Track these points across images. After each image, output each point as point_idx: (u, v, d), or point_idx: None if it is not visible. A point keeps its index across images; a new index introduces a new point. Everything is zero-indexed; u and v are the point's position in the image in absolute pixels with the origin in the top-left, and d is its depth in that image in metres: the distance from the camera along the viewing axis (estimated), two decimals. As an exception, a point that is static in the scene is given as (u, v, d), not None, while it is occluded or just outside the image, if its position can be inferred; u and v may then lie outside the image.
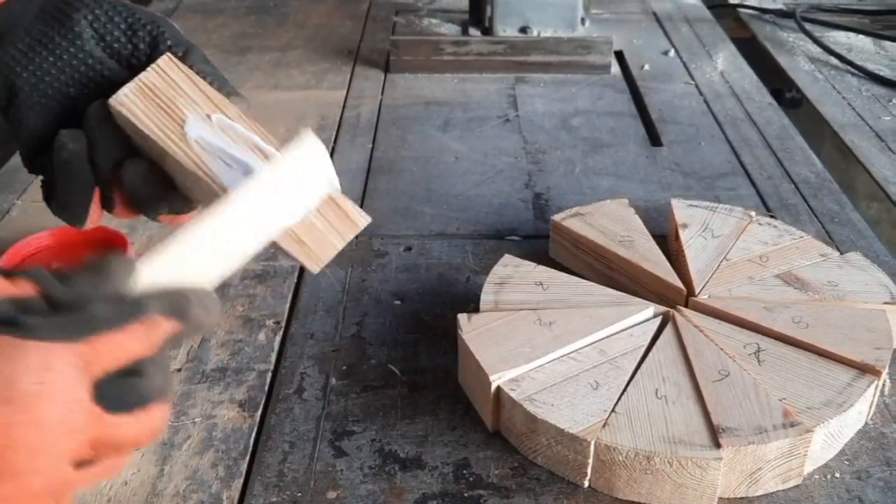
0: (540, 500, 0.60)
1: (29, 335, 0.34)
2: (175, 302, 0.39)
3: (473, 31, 1.36)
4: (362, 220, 0.48)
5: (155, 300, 0.39)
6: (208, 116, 0.49)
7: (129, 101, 0.48)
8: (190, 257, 0.41)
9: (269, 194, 0.45)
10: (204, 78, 0.50)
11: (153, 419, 0.38)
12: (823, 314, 0.69)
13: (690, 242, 0.79)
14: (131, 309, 0.38)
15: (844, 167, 1.10)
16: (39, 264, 0.82)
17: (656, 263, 0.76)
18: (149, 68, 0.49)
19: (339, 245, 0.48)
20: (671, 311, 0.71)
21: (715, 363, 0.65)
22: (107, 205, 0.50)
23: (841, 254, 0.78)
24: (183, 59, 0.50)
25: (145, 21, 0.50)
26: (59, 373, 0.34)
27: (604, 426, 0.59)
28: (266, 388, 0.70)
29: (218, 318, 0.41)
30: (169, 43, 0.50)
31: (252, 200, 0.44)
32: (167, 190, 0.49)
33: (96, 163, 0.48)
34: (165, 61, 0.49)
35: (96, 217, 0.49)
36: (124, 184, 0.49)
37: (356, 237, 0.89)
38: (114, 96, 0.48)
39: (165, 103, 0.48)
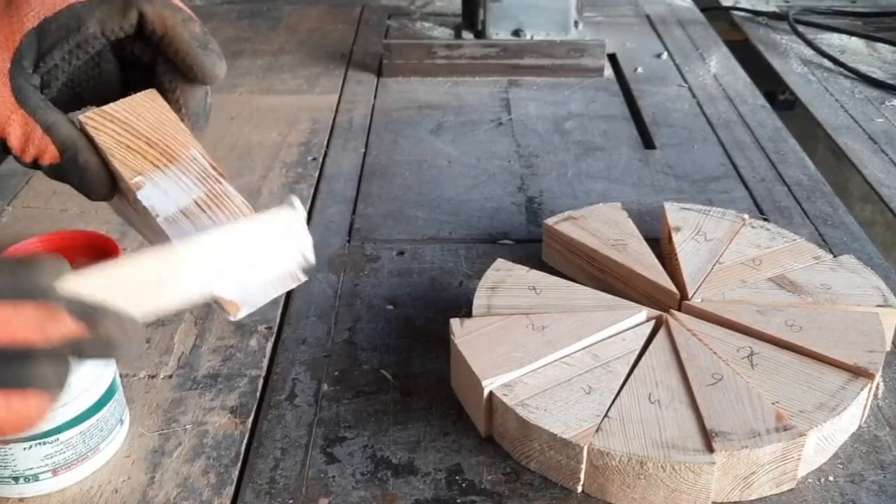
0: (533, 505, 0.60)
1: None
2: (86, 307, 0.38)
3: (466, 35, 1.36)
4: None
5: (62, 295, 0.37)
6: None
7: (94, 123, 0.51)
8: (127, 284, 0.41)
9: (228, 251, 0.45)
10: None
11: (27, 406, 0.37)
12: (816, 317, 0.69)
13: (683, 246, 0.79)
14: (31, 289, 0.37)
15: (837, 169, 1.10)
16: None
17: (649, 267, 0.76)
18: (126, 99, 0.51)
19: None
20: (664, 314, 0.71)
21: (708, 367, 0.65)
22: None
23: (834, 256, 0.78)
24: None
25: None
26: None
27: (597, 431, 0.59)
28: (258, 394, 0.69)
29: (137, 348, 0.40)
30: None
31: (202, 252, 0.44)
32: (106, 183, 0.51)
33: None
34: (151, 94, 0.52)
35: None
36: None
37: (348, 241, 0.89)
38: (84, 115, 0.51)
39: (134, 142, 0.51)
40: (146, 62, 0.54)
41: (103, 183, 0.51)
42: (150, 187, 0.50)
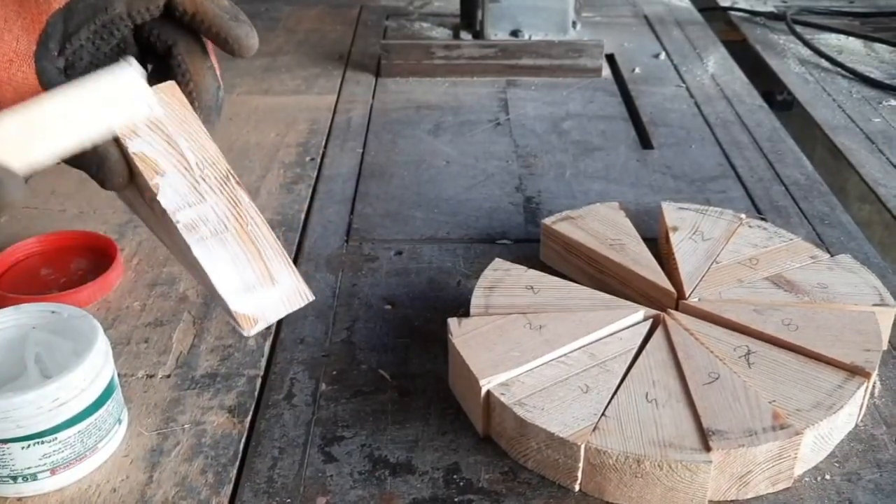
0: (530, 504, 0.60)
1: None
2: None
3: (464, 35, 1.36)
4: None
5: None
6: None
7: None
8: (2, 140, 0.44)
9: (80, 105, 0.47)
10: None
11: None
12: (813, 316, 0.69)
13: (680, 245, 0.79)
14: None
15: (835, 169, 1.11)
16: (27, 271, 0.82)
17: (646, 267, 0.76)
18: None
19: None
20: (661, 314, 0.71)
21: (705, 366, 0.65)
22: None
23: (831, 256, 0.78)
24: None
25: None
26: None
27: (594, 430, 0.59)
28: (256, 393, 0.69)
29: (16, 196, 0.43)
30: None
31: (63, 105, 0.47)
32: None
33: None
34: (171, 87, 0.52)
35: None
36: None
37: (346, 242, 0.89)
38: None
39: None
40: (161, 52, 0.53)
41: (121, 174, 0.50)
42: (169, 190, 0.49)
